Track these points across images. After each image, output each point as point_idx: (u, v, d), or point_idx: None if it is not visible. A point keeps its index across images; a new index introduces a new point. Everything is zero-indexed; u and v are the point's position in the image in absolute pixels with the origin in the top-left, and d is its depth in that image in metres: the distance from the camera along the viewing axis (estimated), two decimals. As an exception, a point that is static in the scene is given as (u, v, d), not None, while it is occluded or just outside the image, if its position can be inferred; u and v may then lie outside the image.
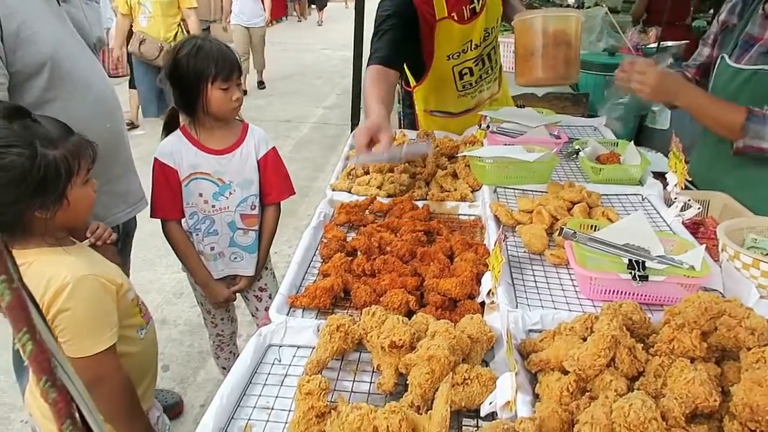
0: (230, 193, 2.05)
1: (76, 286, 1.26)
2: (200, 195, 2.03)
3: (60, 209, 1.27)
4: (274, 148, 2.12)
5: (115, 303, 1.37)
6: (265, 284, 2.32)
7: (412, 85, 2.54)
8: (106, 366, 1.35)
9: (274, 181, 2.12)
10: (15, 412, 2.63)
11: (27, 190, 1.19)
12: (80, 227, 1.41)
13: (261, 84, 8.73)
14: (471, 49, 2.33)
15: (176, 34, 5.56)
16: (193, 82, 1.87)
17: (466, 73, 2.41)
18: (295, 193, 2.21)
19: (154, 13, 5.48)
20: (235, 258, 2.16)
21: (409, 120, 2.73)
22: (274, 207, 2.18)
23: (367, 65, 2.10)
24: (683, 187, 1.70)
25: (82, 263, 1.32)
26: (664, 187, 1.83)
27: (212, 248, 2.12)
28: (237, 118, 2.07)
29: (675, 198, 1.68)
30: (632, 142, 2.04)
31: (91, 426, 0.29)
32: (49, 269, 1.26)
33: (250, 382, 1.14)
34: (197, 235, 2.09)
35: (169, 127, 2.07)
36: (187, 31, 5.58)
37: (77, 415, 0.27)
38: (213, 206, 2.04)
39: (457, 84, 2.43)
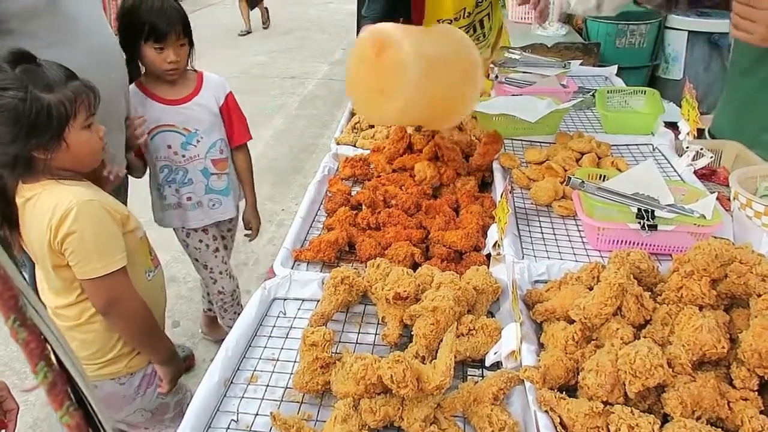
0: (198, 141, 2.05)
1: (80, 210, 1.30)
2: (169, 147, 2.03)
3: (59, 151, 1.30)
4: (230, 92, 2.12)
5: (121, 232, 1.40)
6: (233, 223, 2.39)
7: None
8: (119, 287, 1.39)
9: (236, 125, 2.14)
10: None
11: (22, 131, 1.23)
12: (85, 170, 1.44)
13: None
14: (463, 17, 2.23)
15: None
16: (130, 36, 1.86)
17: None
18: (251, 137, 2.23)
19: None
20: (213, 205, 2.19)
21: None
22: (243, 148, 2.21)
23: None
24: (695, 135, 1.65)
25: (87, 191, 1.36)
26: (676, 138, 1.78)
27: (189, 198, 2.13)
28: (190, 68, 2.04)
29: (687, 147, 1.64)
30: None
31: (67, 368, 0.28)
32: (55, 196, 1.31)
33: (255, 335, 1.15)
34: (171, 187, 2.10)
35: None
36: None
37: (52, 356, 0.26)
38: (183, 156, 2.05)
39: None
